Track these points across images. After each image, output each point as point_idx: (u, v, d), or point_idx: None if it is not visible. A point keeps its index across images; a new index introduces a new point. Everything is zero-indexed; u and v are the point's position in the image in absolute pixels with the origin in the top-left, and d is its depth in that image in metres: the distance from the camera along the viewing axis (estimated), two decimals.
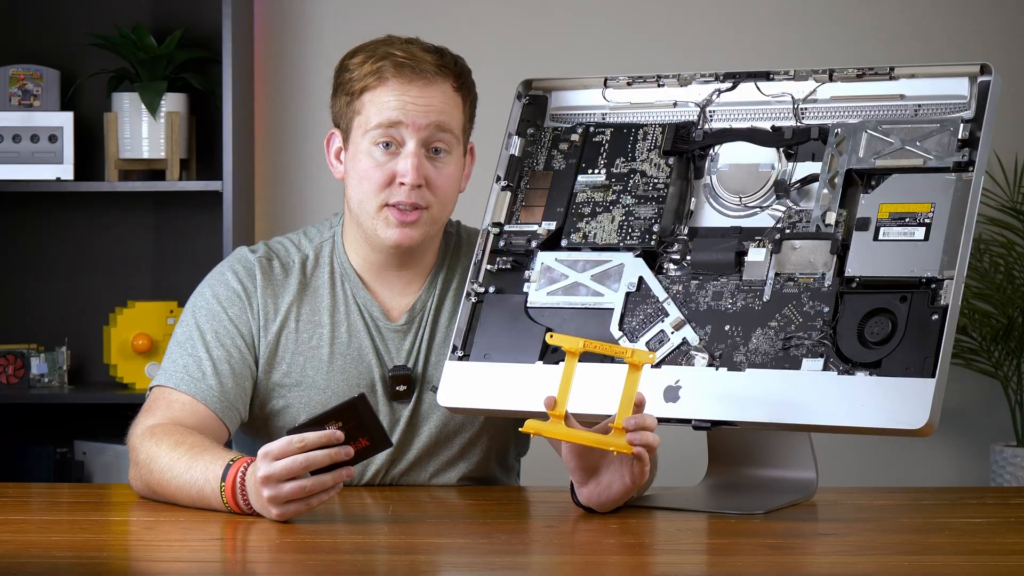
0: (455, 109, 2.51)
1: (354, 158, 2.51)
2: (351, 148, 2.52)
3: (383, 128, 2.48)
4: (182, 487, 2.31)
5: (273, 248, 2.60)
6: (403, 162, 2.48)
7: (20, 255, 4.45)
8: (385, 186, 2.49)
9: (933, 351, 2.20)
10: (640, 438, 2.19)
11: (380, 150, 2.49)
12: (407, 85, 2.48)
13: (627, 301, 2.40)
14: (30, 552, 2.06)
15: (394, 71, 2.48)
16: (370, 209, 2.50)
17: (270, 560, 2.08)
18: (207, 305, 2.55)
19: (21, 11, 4.42)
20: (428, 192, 2.49)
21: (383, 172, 2.49)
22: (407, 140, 2.48)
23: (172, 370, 2.51)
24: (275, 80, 4.47)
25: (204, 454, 2.31)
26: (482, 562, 2.05)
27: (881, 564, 2.02)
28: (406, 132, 2.48)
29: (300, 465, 2.17)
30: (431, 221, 2.51)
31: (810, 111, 2.42)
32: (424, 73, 2.48)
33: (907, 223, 2.29)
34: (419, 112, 2.48)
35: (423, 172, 2.48)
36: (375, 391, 2.54)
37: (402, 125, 2.48)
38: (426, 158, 2.49)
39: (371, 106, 2.49)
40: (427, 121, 2.48)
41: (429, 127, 2.48)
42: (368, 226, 2.51)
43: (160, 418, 2.44)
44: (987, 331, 4.32)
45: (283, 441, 2.18)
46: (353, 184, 2.52)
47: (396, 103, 2.48)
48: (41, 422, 4.42)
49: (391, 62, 2.48)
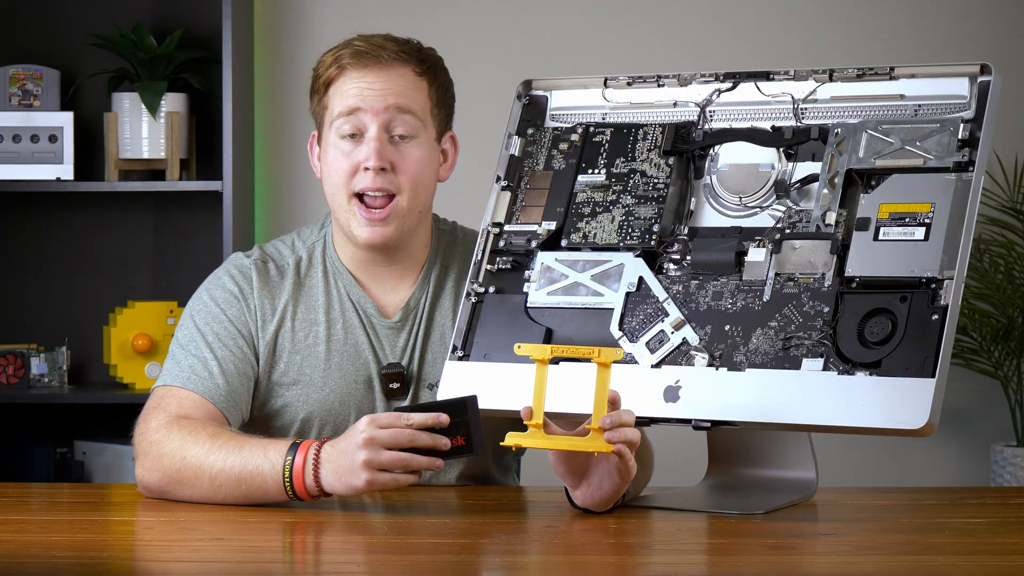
0: (416, 91, 2.52)
1: (324, 154, 2.54)
2: (323, 145, 2.54)
3: (344, 116, 2.50)
4: (228, 470, 2.31)
5: (267, 251, 2.61)
6: (364, 147, 2.49)
7: (20, 255, 4.45)
8: (351, 175, 2.50)
9: (933, 351, 2.20)
10: (618, 436, 2.19)
11: (346, 141, 2.50)
12: (364, 71, 2.50)
13: (627, 301, 2.40)
14: (30, 552, 2.06)
15: (351, 59, 2.51)
16: (342, 202, 2.52)
17: (270, 560, 2.08)
18: (206, 308, 2.55)
19: (21, 11, 4.42)
20: (395, 176, 2.50)
21: (349, 161, 2.50)
22: (368, 125, 2.50)
23: (177, 371, 2.50)
24: (275, 80, 4.47)
25: (250, 440, 2.34)
26: (482, 562, 2.05)
27: (881, 564, 2.02)
28: (366, 117, 2.49)
29: (406, 437, 2.21)
30: (403, 212, 2.51)
31: (810, 111, 2.42)
32: (380, 59, 2.50)
33: (907, 223, 2.29)
34: (376, 96, 2.49)
35: (386, 156, 2.49)
36: (372, 388, 2.55)
37: (361, 111, 2.49)
38: (389, 143, 2.50)
39: (334, 97, 2.52)
40: (384, 104, 2.49)
41: (388, 110, 2.49)
42: (343, 222, 2.53)
43: (176, 412, 2.43)
44: (987, 331, 4.32)
45: (392, 413, 2.23)
46: (325, 179, 2.55)
47: (355, 90, 2.50)
48: (41, 422, 4.41)
49: (349, 51, 2.52)
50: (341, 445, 2.25)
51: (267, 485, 2.29)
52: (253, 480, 2.29)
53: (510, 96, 2.57)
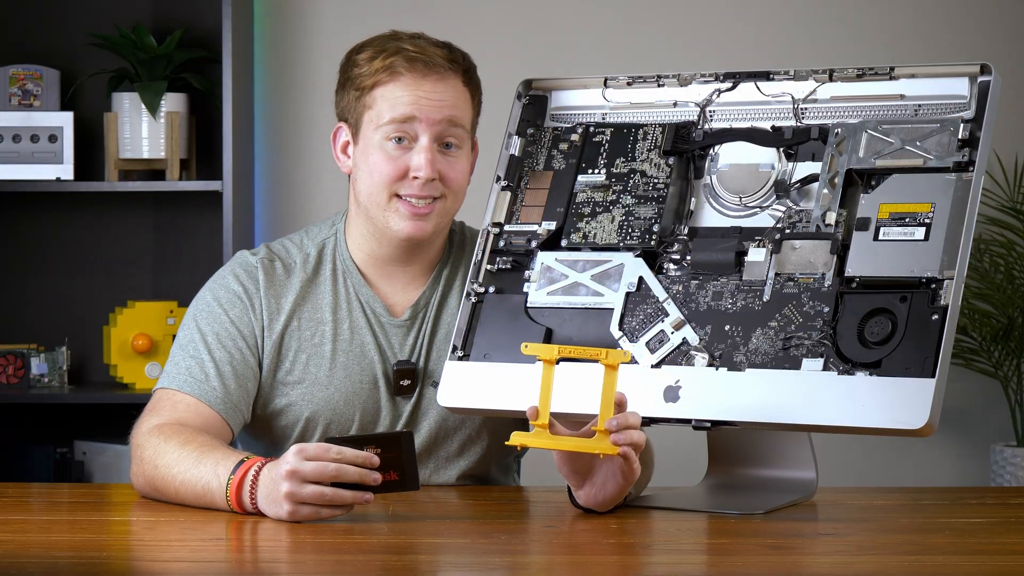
0: (466, 104, 2.52)
1: (365, 152, 2.51)
2: (361, 143, 2.52)
3: (396, 123, 2.48)
4: (186, 482, 2.31)
5: (274, 249, 2.60)
6: (417, 157, 2.48)
7: (20, 255, 4.45)
8: (397, 179, 2.49)
9: (933, 351, 2.20)
10: (624, 438, 2.19)
11: (393, 144, 2.49)
12: (420, 80, 2.49)
13: (627, 301, 2.40)
14: (30, 552, 2.06)
15: (407, 66, 2.48)
16: (381, 201, 2.50)
17: (269, 560, 2.08)
18: (208, 308, 2.55)
19: (21, 11, 4.42)
20: (441, 186, 2.50)
21: (395, 166, 2.49)
22: (420, 135, 2.49)
23: (175, 373, 2.51)
24: (275, 80, 4.47)
25: (213, 452, 2.32)
26: (482, 562, 2.05)
27: (881, 564, 2.02)
28: (419, 127, 2.48)
29: (330, 473, 2.18)
30: (444, 212, 2.52)
31: (810, 111, 2.42)
32: (436, 68, 2.49)
33: (907, 223, 2.29)
34: (432, 107, 2.48)
35: (436, 167, 2.48)
36: (378, 387, 2.55)
37: (415, 120, 2.48)
38: (439, 152, 2.49)
39: (383, 101, 2.49)
40: (440, 116, 2.49)
41: (442, 122, 2.49)
42: (379, 218, 2.52)
43: (166, 418, 2.44)
44: (987, 331, 4.32)
45: (320, 445, 2.19)
46: (363, 177, 2.52)
47: (409, 98, 2.48)
48: (41, 422, 4.42)
49: (403, 57, 2.49)
50: (272, 472, 2.23)
51: (215, 501, 2.28)
52: (207, 491, 2.29)
53: (510, 96, 2.57)
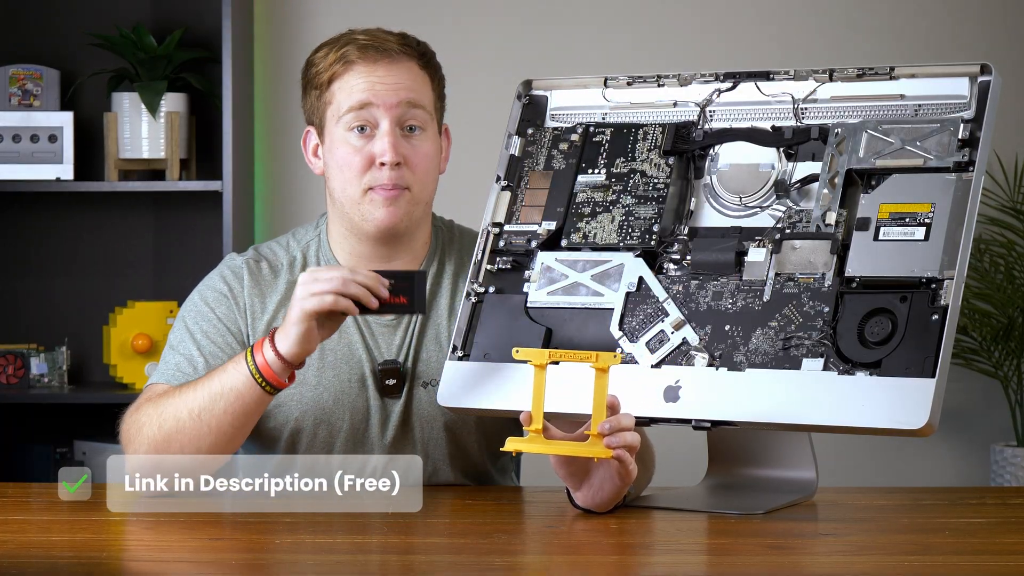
0: (424, 86, 2.53)
1: (331, 149, 2.53)
2: (327, 140, 2.54)
3: (355, 111, 2.50)
4: (198, 399, 2.37)
5: (262, 251, 2.62)
6: (379, 142, 2.50)
7: (20, 255, 4.45)
8: (365, 170, 2.51)
9: (933, 351, 2.19)
10: (618, 440, 2.19)
11: (355, 135, 2.51)
12: (373, 66, 2.51)
13: (627, 301, 2.40)
14: (30, 552, 2.06)
15: (359, 53, 2.51)
16: (354, 195, 2.52)
17: (269, 561, 2.08)
18: (196, 308, 2.58)
19: (21, 11, 4.42)
20: (407, 171, 2.51)
21: (361, 156, 2.50)
22: (380, 120, 2.50)
23: (164, 369, 2.54)
24: (275, 80, 4.47)
25: (215, 369, 2.42)
26: (481, 562, 2.05)
27: (881, 564, 2.02)
28: (378, 112, 2.50)
29: (342, 273, 2.31)
30: (413, 201, 2.53)
31: (810, 111, 2.42)
32: (388, 52, 2.51)
33: (907, 223, 2.29)
34: (388, 91, 2.50)
35: (400, 151, 2.49)
36: (366, 387, 2.55)
37: (373, 106, 2.50)
38: (402, 137, 2.50)
39: (340, 92, 2.51)
40: (397, 99, 2.50)
41: (400, 105, 2.50)
42: (354, 213, 2.53)
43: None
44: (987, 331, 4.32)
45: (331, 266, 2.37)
46: (334, 174, 2.54)
47: (364, 84, 2.50)
48: (41, 422, 4.42)
49: (354, 46, 2.52)
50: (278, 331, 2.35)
51: (241, 389, 2.36)
52: (228, 391, 2.36)
53: (510, 96, 2.57)
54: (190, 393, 2.39)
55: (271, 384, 2.35)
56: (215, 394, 2.37)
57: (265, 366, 2.34)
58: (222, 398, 2.36)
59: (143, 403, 2.45)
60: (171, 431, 2.38)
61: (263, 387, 2.35)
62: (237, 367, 2.36)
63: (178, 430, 2.38)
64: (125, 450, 2.43)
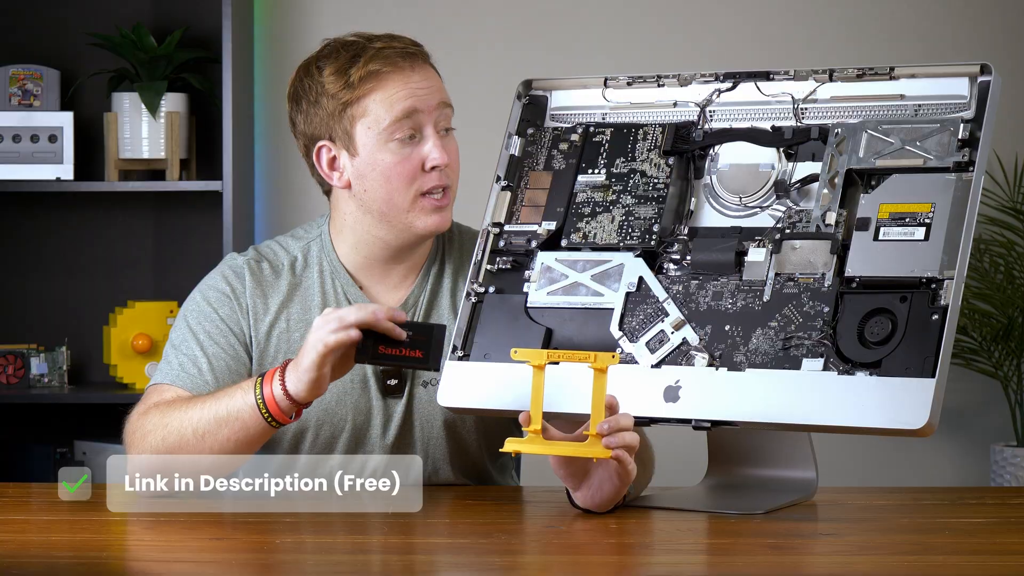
0: (443, 85, 2.56)
1: (371, 160, 2.51)
2: (363, 152, 2.51)
3: (401, 120, 2.50)
4: (204, 417, 2.36)
5: (262, 251, 2.61)
6: (428, 146, 2.51)
7: (20, 255, 4.45)
8: (415, 176, 2.51)
9: (933, 351, 2.19)
10: (616, 441, 2.19)
11: (397, 144, 2.50)
12: (408, 73, 2.51)
13: (627, 301, 2.40)
14: (30, 552, 2.06)
15: (389, 66, 2.50)
16: (403, 204, 2.51)
17: (269, 560, 2.08)
18: (198, 308, 2.57)
19: (21, 11, 4.42)
20: (450, 171, 2.54)
21: (411, 163, 2.51)
22: (424, 125, 2.51)
23: (168, 369, 2.52)
24: (275, 80, 4.47)
25: (220, 390, 2.40)
26: (481, 562, 2.05)
27: (881, 564, 2.02)
28: (423, 118, 2.51)
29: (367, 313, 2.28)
30: (452, 200, 2.56)
31: (810, 111, 2.42)
32: (413, 57, 2.53)
33: (907, 223, 2.29)
34: (429, 94, 2.52)
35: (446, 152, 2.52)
36: (368, 387, 2.55)
37: (418, 112, 2.51)
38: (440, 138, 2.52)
39: (378, 105, 2.49)
40: (436, 101, 2.53)
41: (439, 106, 2.53)
42: (400, 221, 2.52)
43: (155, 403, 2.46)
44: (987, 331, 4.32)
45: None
46: (377, 185, 2.51)
47: (405, 92, 2.50)
48: (41, 422, 4.42)
49: (380, 58, 2.51)
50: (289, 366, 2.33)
51: (245, 418, 2.34)
52: (233, 418, 2.34)
53: (510, 96, 2.57)
54: (196, 411, 2.38)
55: (276, 419, 2.34)
56: (220, 419, 2.35)
57: (272, 401, 2.33)
58: (227, 425, 2.35)
59: (150, 408, 2.44)
60: (173, 446, 2.37)
61: (268, 421, 2.34)
62: (245, 396, 2.34)
63: (180, 446, 2.37)
64: (127, 451, 2.43)
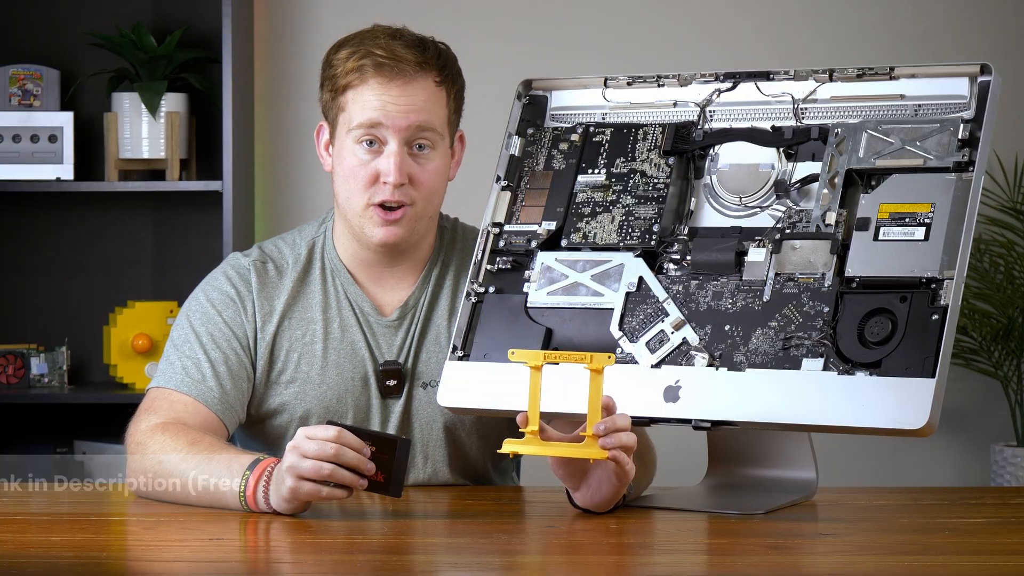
0: (437, 105, 2.51)
1: (339, 155, 2.52)
2: (336, 144, 2.53)
3: (364, 128, 2.48)
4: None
5: (267, 250, 2.60)
6: (385, 161, 2.48)
7: (20, 255, 4.45)
8: (370, 184, 2.49)
9: (933, 351, 2.20)
10: (613, 441, 2.19)
11: (363, 148, 2.49)
12: (387, 84, 2.48)
13: (627, 301, 2.40)
14: (30, 552, 2.06)
15: (374, 71, 2.48)
16: (357, 207, 2.51)
17: (269, 560, 2.08)
18: (201, 309, 2.56)
19: (21, 11, 4.42)
20: (412, 189, 2.49)
21: (367, 171, 2.49)
22: (389, 140, 2.48)
23: (171, 372, 2.51)
24: (275, 80, 4.47)
25: (225, 452, 2.34)
26: (481, 562, 2.05)
27: (881, 564, 2.02)
28: (387, 132, 2.48)
29: (331, 451, 2.19)
30: (415, 218, 2.52)
31: (810, 111, 2.42)
32: (403, 72, 2.48)
33: (907, 223, 2.29)
34: (399, 113, 2.47)
35: (406, 170, 2.48)
36: (368, 386, 2.55)
37: (382, 126, 2.48)
38: (409, 155, 2.49)
39: (353, 104, 2.49)
40: (407, 123, 2.48)
41: (410, 128, 2.48)
42: (355, 224, 2.52)
43: (165, 417, 2.45)
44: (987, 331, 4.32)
45: (324, 427, 2.21)
46: (340, 181, 2.53)
47: (376, 103, 2.48)
48: (41, 422, 4.42)
49: (371, 61, 2.48)
50: (276, 469, 2.26)
51: (226, 499, 2.30)
52: (216, 493, 2.30)
53: (510, 96, 2.57)
54: (191, 466, 2.34)
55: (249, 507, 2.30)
56: (203, 493, 2.31)
57: (253, 503, 2.28)
58: (209, 500, 2.31)
59: (156, 429, 2.42)
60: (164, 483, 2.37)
61: (248, 510, 2.30)
62: (231, 483, 2.29)
63: (167, 492, 2.36)
64: (130, 458, 2.43)
